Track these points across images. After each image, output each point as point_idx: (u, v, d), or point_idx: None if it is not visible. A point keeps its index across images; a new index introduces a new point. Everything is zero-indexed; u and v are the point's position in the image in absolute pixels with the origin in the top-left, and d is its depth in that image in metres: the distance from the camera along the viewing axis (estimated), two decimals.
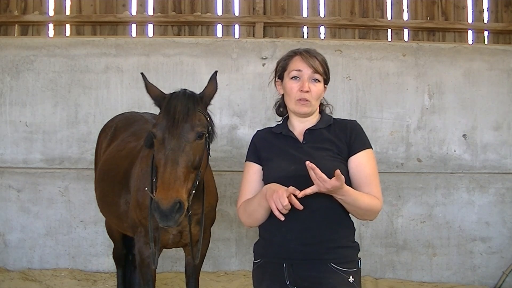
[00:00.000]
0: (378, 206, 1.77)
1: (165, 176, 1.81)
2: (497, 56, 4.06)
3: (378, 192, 1.78)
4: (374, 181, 1.79)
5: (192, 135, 1.91)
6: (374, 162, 1.82)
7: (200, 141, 1.94)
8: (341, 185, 1.59)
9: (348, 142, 1.81)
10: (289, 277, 1.72)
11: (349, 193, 1.66)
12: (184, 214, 1.83)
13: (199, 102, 2.03)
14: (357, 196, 1.70)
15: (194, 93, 2.09)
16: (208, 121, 2.08)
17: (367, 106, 4.03)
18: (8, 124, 4.00)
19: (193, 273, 2.65)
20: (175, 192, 1.77)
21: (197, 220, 2.40)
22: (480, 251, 3.99)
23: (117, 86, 3.98)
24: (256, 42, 4.07)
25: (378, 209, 1.78)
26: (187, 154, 1.87)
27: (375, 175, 1.80)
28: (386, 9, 4.36)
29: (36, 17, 4.22)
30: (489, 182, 4.01)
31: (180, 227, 2.37)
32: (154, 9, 4.27)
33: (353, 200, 1.68)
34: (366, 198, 1.73)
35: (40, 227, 3.96)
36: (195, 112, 1.97)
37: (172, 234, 2.40)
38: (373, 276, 3.94)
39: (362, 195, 1.73)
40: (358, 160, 1.79)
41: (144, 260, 2.47)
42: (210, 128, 2.08)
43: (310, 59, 1.81)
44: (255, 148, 1.92)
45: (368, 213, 1.77)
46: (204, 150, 2.00)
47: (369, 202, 1.73)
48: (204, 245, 2.63)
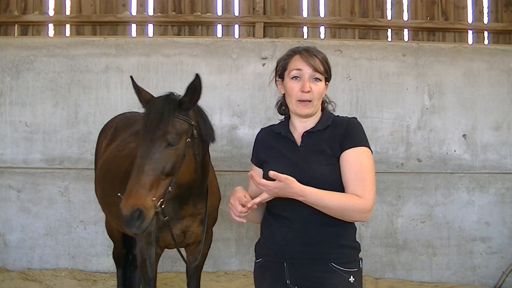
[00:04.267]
0: (358, 204, 1.66)
1: (129, 184, 1.83)
2: (497, 56, 4.06)
3: (363, 191, 1.67)
4: (361, 179, 1.69)
5: (162, 143, 1.89)
6: (367, 161, 1.73)
7: (172, 147, 1.91)
8: (285, 185, 1.59)
9: (340, 139, 1.75)
10: (290, 277, 1.72)
11: (306, 192, 1.62)
12: (149, 221, 1.81)
13: (176, 108, 1.98)
14: (321, 195, 1.64)
15: (175, 98, 2.04)
16: (193, 125, 2.02)
17: (367, 106, 4.03)
18: (8, 124, 3.99)
19: (194, 273, 2.66)
20: (136, 200, 1.78)
21: (200, 220, 2.42)
22: (480, 251, 3.99)
23: (117, 86, 3.98)
24: (256, 42, 4.07)
25: (360, 208, 1.66)
26: (155, 161, 1.86)
27: (364, 172, 1.70)
28: (386, 9, 4.36)
29: (36, 17, 4.22)
30: (489, 182, 4.01)
31: (184, 226, 2.39)
32: (154, 9, 4.27)
33: (315, 199, 1.64)
34: (335, 197, 1.65)
35: (40, 227, 3.96)
36: (170, 118, 1.93)
37: (175, 234, 2.40)
38: (373, 276, 3.94)
39: (329, 194, 1.65)
40: (345, 157, 1.73)
41: (145, 260, 2.47)
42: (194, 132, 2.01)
43: (310, 58, 1.79)
44: (257, 150, 1.93)
45: (347, 213, 1.67)
46: (181, 156, 1.93)
47: (339, 201, 1.65)
48: (206, 245, 2.64)
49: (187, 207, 2.36)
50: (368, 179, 1.70)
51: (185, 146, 1.96)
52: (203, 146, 2.15)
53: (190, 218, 2.40)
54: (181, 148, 1.95)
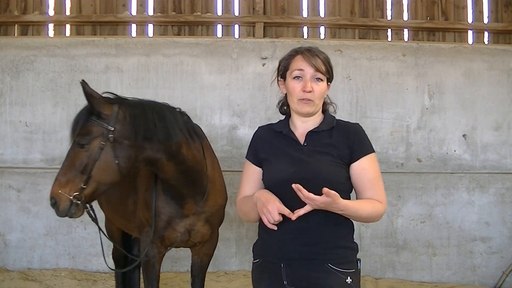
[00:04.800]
0: (381, 210, 1.77)
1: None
2: (497, 56, 4.06)
3: (381, 196, 1.78)
4: (377, 185, 1.79)
5: (76, 144, 2.08)
6: (377, 166, 1.82)
7: (84, 149, 2.05)
8: (332, 201, 1.60)
9: (351, 147, 1.79)
10: (287, 277, 1.72)
11: (347, 206, 1.66)
12: (64, 209, 2.04)
13: (88, 114, 2.10)
14: (357, 207, 1.71)
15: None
16: (108, 129, 2.05)
17: (367, 106, 4.03)
18: (8, 124, 3.99)
19: (199, 273, 2.66)
20: (53, 190, 2.05)
21: (205, 218, 2.44)
22: (480, 251, 3.99)
23: (117, 86, 3.98)
24: (256, 42, 4.07)
25: (382, 213, 1.78)
26: (71, 160, 2.08)
27: (378, 178, 1.80)
28: (386, 9, 4.35)
29: (36, 17, 4.22)
30: (489, 182, 4.01)
31: (188, 225, 2.41)
32: (154, 9, 4.27)
33: (353, 212, 1.70)
34: (367, 206, 1.73)
35: (40, 227, 3.96)
36: (84, 122, 2.08)
37: (180, 232, 2.41)
38: (373, 276, 3.94)
39: (362, 204, 1.74)
40: (361, 165, 1.78)
41: (149, 260, 2.48)
42: (109, 136, 2.05)
43: (312, 58, 1.79)
44: (255, 148, 1.91)
45: (371, 218, 1.79)
46: (92, 157, 2.04)
47: (371, 209, 1.74)
48: (212, 245, 2.65)
49: (188, 206, 2.37)
50: (381, 184, 1.81)
51: (98, 149, 2.04)
52: (137, 150, 2.11)
53: (194, 216, 2.41)
54: (93, 150, 2.04)
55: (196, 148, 2.31)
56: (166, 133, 2.14)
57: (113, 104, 2.11)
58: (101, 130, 2.05)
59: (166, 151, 2.17)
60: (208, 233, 2.51)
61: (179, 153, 2.20)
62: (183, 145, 2.21)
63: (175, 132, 2.17)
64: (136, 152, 2.11)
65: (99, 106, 2.06)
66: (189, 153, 2.24)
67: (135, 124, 2.09)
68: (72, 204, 2.04)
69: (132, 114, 2.10)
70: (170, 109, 2.25)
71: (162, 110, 2.19)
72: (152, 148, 2.14)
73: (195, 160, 2.28)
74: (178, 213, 2.39)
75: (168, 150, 2.17)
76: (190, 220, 2.41)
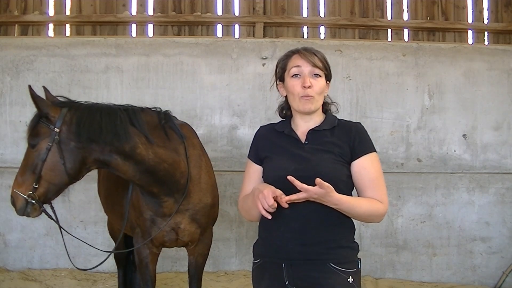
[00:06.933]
0: (381, 210, 1.75)
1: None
2: (497, 56, 4.06)
3: (382, 196, 1.76)
4: (378, 185, 1.77)
5: (28, 145, 2.15)
6: (379, 165, 1.81)
7: (33, 150, 2.11)
8: (325, 193, 1.60)
9: (352, 145, 1.79)
10: (288, 277, 1.72)
11: (341, 201, 1.65)
12: (20, 207, 2.13)
13: (39, 116, 2.14)
14: (353, 203, 1.69)
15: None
16: (55, 131, 2.09)
17: (367, 106, 4.03)
18: (8, 124, 3.99)
19: (194, 273, 2.66)
20: (12, 189, 2.17)
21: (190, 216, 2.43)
22: (480, 251, 3.99)
23: (117, 86, 3.98)
24: (256, 42, 4.07)
25: (382, 213, 1.76)
26: (25, 160, 2.17)
27: (379, 178, 1.78)
28: (386, 9, 4.36)
29: (36, 17, 4.22)
30: (489, 182, 4.01)
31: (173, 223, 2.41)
32: (154, 9, 4.27)
33: (348, 208, 1.68)
34: (364, 204, 1.72)
35: (40, 227, 3.96)
36: (33, 125, 2.13)
37: (165, 231, 2.42)
38: (373, 276, 3.94)
39: (359, 201, 1.72)
40: (362, 164, 1.78)
41: (142, 261, 2.48)
42: (55, 138, 2.08)
43: (309, 55, 1.81)
44: (256, 147, 1.91)
45: (370, 218, 1.77)
46: (40, 157, 2.09)
47: (368, 208, 1.72)
48: (206, 244, 2.63)
49: (168, 205, 2.37)
50: (383, 184, 1.79)
51: (45, 149, 2.08)
52: (85, 152, 2.13)
53: (179, 214, 2.40)
54: (41, 150, 2.09)
55: (170, 147, 2.30)
56: (114, 134, 2.13)
57: (62, 107, 2.16)
58: (48, 131, 2.10)
59: (119, 152, 2.16)
60: (197, 232, 2.49)
61: (135, 154, 2.18)
62: (140, 146, 2.18)
63: (127, 133, 2.15)
64: (84, 153, 2.14)
65: (46, 108, 2.12)
66: (149, 153, 2.21)
67: (80, 125, 2.11)
68: (28, 203, 2.12)
69: (79, 116, 2.13)
70: (129, 111, 2.22)
71: (113, 112, 2.18)
72: (101, 149, 2.14)
73: (160, 159, 2.24)
74: (158, 212, 2.39)
75: (120, 151, 2.16)
76: (174, 219, 2.40)
